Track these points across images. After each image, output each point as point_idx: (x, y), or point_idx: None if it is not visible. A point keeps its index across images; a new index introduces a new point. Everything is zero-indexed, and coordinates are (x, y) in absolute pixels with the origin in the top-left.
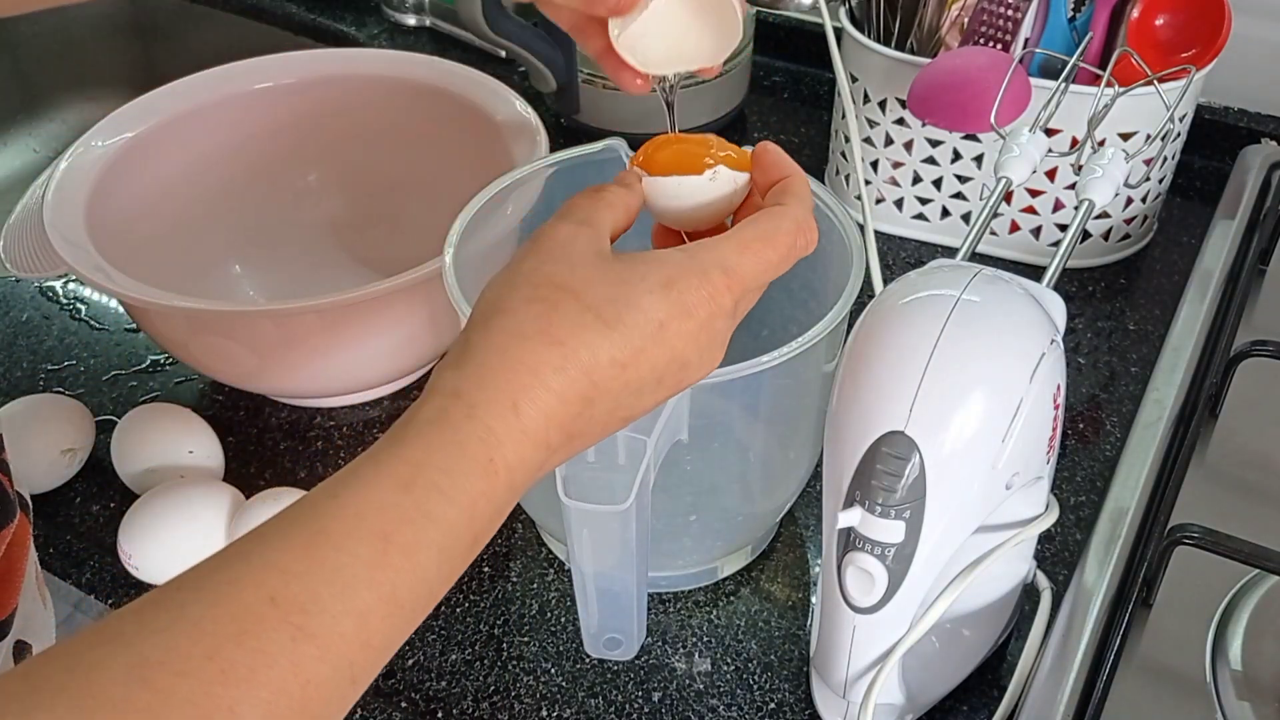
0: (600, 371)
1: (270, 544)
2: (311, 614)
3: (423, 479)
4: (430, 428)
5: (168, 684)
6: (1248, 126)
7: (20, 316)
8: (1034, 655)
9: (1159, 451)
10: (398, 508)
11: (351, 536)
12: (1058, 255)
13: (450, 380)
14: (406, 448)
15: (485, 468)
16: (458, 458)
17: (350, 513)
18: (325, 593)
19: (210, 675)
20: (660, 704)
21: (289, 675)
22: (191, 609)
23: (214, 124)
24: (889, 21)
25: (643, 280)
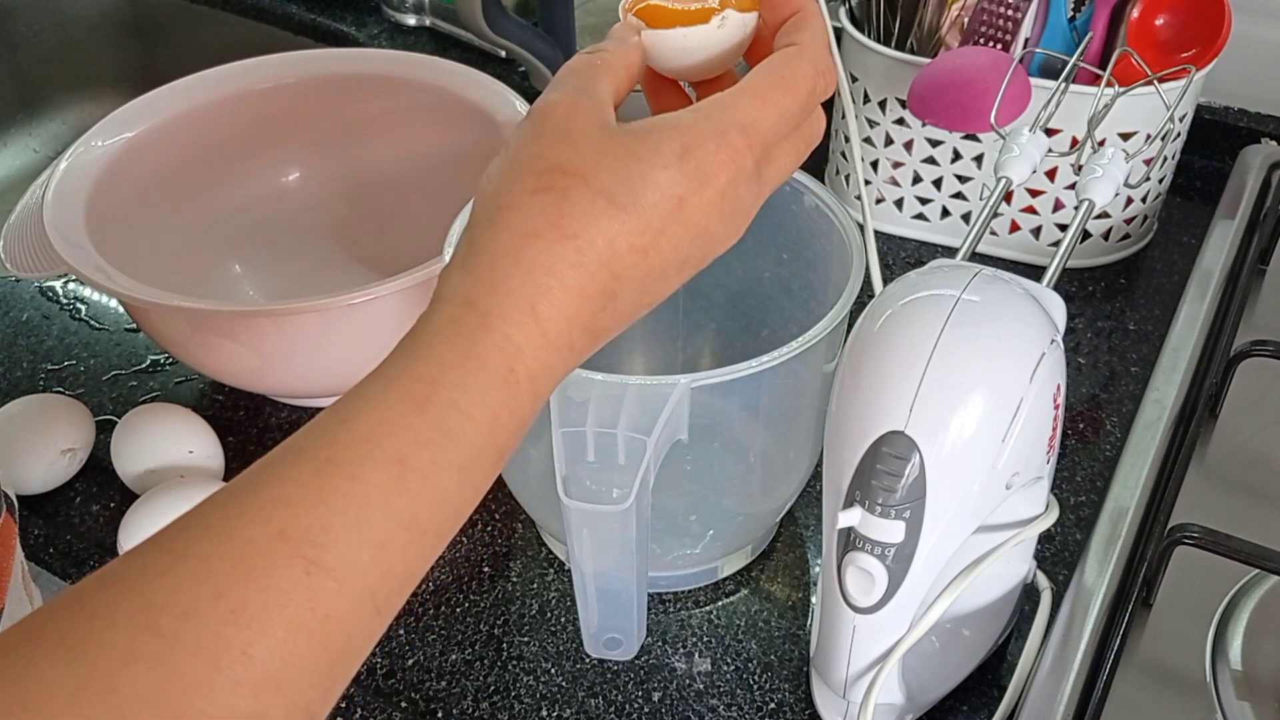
0: (620, 261)
1: (277, 475)
2: (325, 546)
3: (439, 396)
4: (442, 340)
5: (174, 628)
6: (1248, 126)
7: (20, 316)
8: (1034, 655)
9: (1159, 451)
10: (413, 429)
11: (365, 463)
12: (1058, 255)
13: (459, 286)
14: (419, 363)
15: (506, 378)
16: (475, 371)
17: (362, 437)
18: (338, 523)
19: (219, 616)
20: (660, 704)
21: (305, 611)
22: (196, 548)
23: (214, 124)
24: (889, 21)
25: (656, 154)
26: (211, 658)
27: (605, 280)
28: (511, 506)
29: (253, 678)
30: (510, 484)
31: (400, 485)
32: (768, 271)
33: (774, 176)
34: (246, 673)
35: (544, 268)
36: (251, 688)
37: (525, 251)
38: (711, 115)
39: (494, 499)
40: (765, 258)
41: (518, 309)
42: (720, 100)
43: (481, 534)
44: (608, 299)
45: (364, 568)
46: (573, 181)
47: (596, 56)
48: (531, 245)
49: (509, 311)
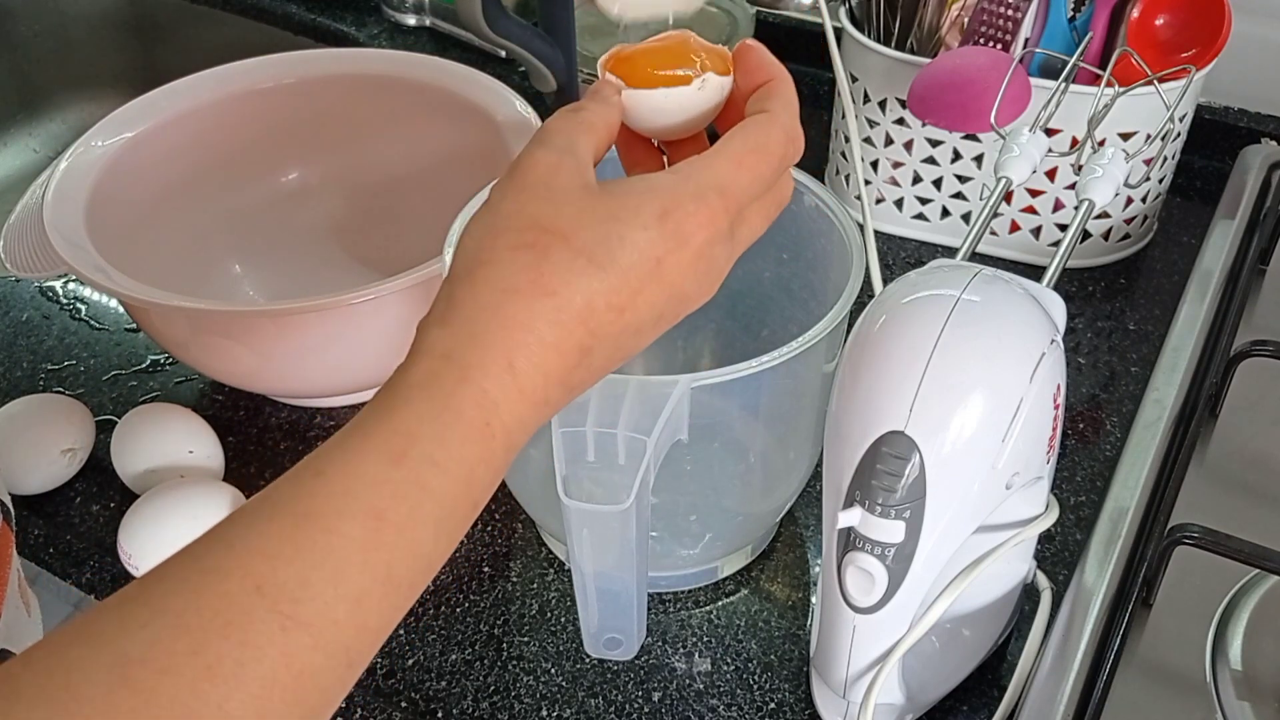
0: (597, 319)
1: (254, 528)
2: (302, 601)
3: (416, 450)
4: (420, 393)
5: (151, 683)
6: (1248, 126)
7: (20, 316)
8: (1034, 655)
9: (1159, 451)
10: (390, 483)
11: (342, 516)
12: (1058, 255)
13: (438, 340)
14: (396, 417)
15: (482, 433)
16: (452, 425)
17: (339, 490)
18: (315, 577)
19: (196, 672)
20: (660, 704)
21: (280, 667)
22: (173, 601)
23: (214, 124)
24: (889, 21)
25: (636, 215)
26: (188, 713)
27: (582, 337)
28: (511, 506)
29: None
30: (510, 484)
31: (377, 539)
32: (768, 271)
33: (746, 237)
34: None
35: (522, 324)
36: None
37: (504, 307)
38: (690, 177)
39: (494, 499)
40: (765, 258)
41: (495, 364)
42: (697, 163)
43: (481, 534)
44: (583, 355)
45: (339, 623)
46: (553, 240)
47: (579, 115)
48: (511, 301)
49: (487, 366)
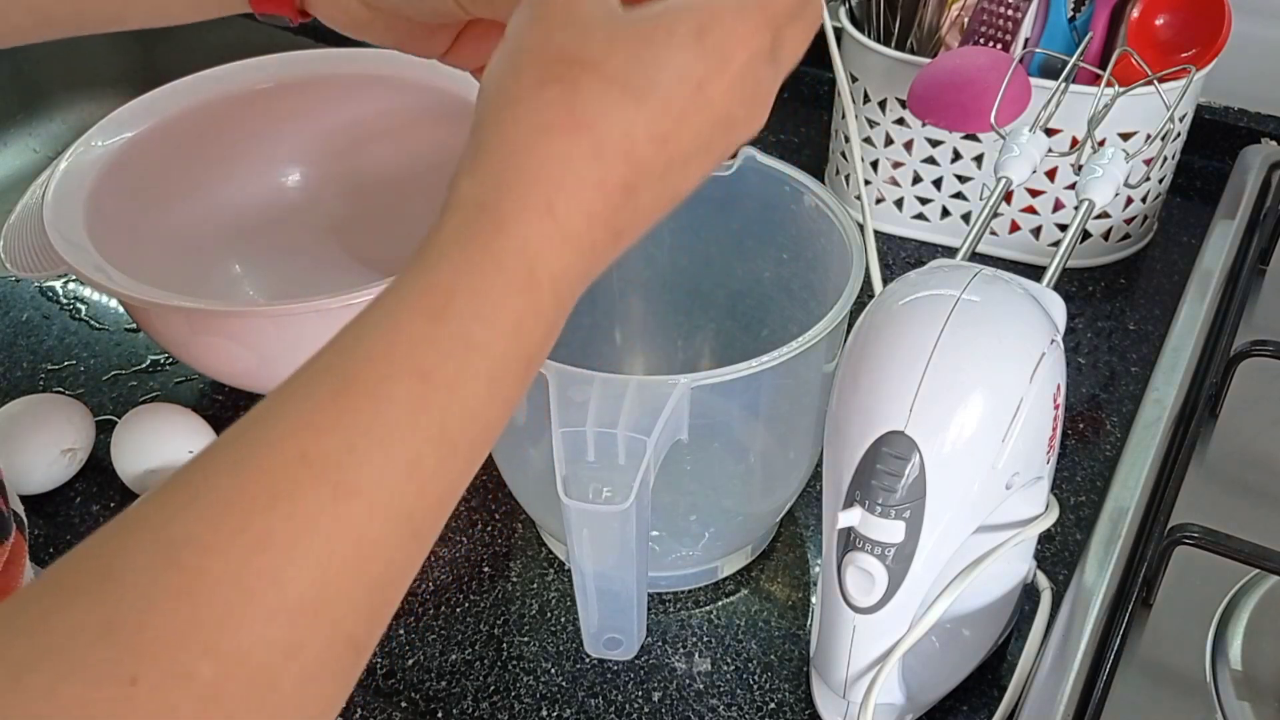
0: (639, 152)
1: (294, 401)
2: (350, 468)
3: (456, 306)
4: (455, 248)
5: (198, 562)
6: (1248, 126)
7: (20, 316)
8: (1034, 655)
9: (1159, 451)
10: (433, 340)
11: (385, 380)
12: (1058, 255)
13: (469, 190)
14: (432, 273)
15: (526, 282)
16: (493, 276)
17: (379, 354)
18: (362, 443)
19: (246, 548)
20: (660, 704)
21: (336, 537)
22: (216, 481)
23: (214, 124)
24: (889, 21)
25: (671, 35)
26: (242, 589)
27: (625, 173)
28: (511, 506)
29: (288, 606)
30: (510, 484)
31: (425, 400)
32: (768, 271)
33: (787, 59)
34: (281, 602)
35: (559, 162)
36: (288, 616)
37: (537, 147)
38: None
39: (494, 499)
40: (765, 258)
41: (533, 208)
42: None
43: (481, 534)
44: (628, 193)
45: (395, 488)
46: (583, 70)
47: None
48: (544, 140)
49: (524, 212)
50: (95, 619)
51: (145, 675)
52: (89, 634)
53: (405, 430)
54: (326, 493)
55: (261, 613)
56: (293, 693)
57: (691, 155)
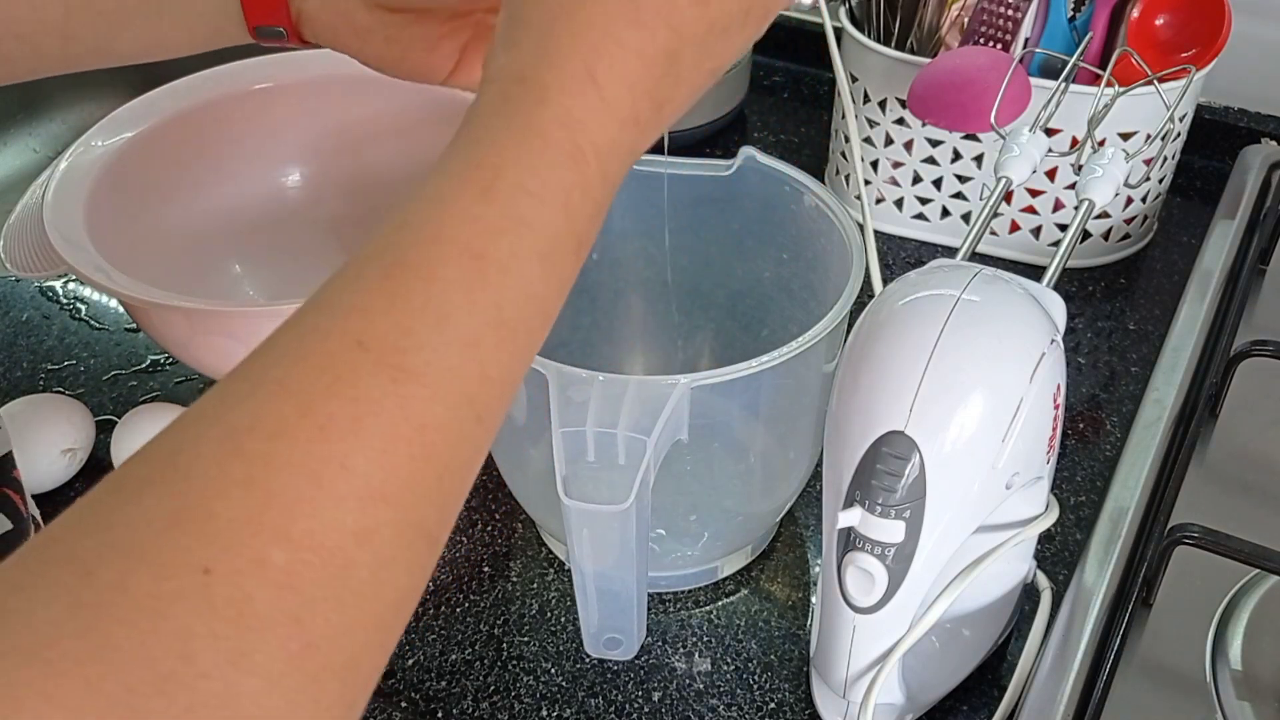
0: (680, 15)
1: (346, 288)
2: (408, 351)
3: (504, 181)
4: (499, 121)
5: (263, 449)
6: (1248, 126)
7: (20, 316)
8: (1034, 655)
9: (1159, 451)
10: (483, 219)
11: (438, 261)
12: (1058, 255)
13: (507, 63)
14: (475, 149)
15: (572, 155)
16: (539, 150)
17: (428, 235)
18: (418, 326)
19: (309, 433)
20: (660, 704)
21: (399, 420)
22: (273, 371)
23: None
24: (889, 21)
25: None
26: (309, 474)
27: (666, 37)
28: (511, 506)
29: (356, 491)
30: (510, 484)
31: (480, 280)
32: (768, 271)
33: None
34: (349, 486)
35: (599, 28)
36: (357, 501)
37: (577, 13)
38: None
39: (494, 499)
40: (765, 258)
41: (575, 78)
42: None
43: (481, 534)
44: (670, 60)
45: (455, 370)
46: None
47: None
48: (583, 5)
49: (566, 81)
50: (163, 510)
51: (218, 563)
52: (157, 525)
53: (461, 312)
54: (386, 376)
55: (330, 498)
56: (368, 579)
57: (732, 19)
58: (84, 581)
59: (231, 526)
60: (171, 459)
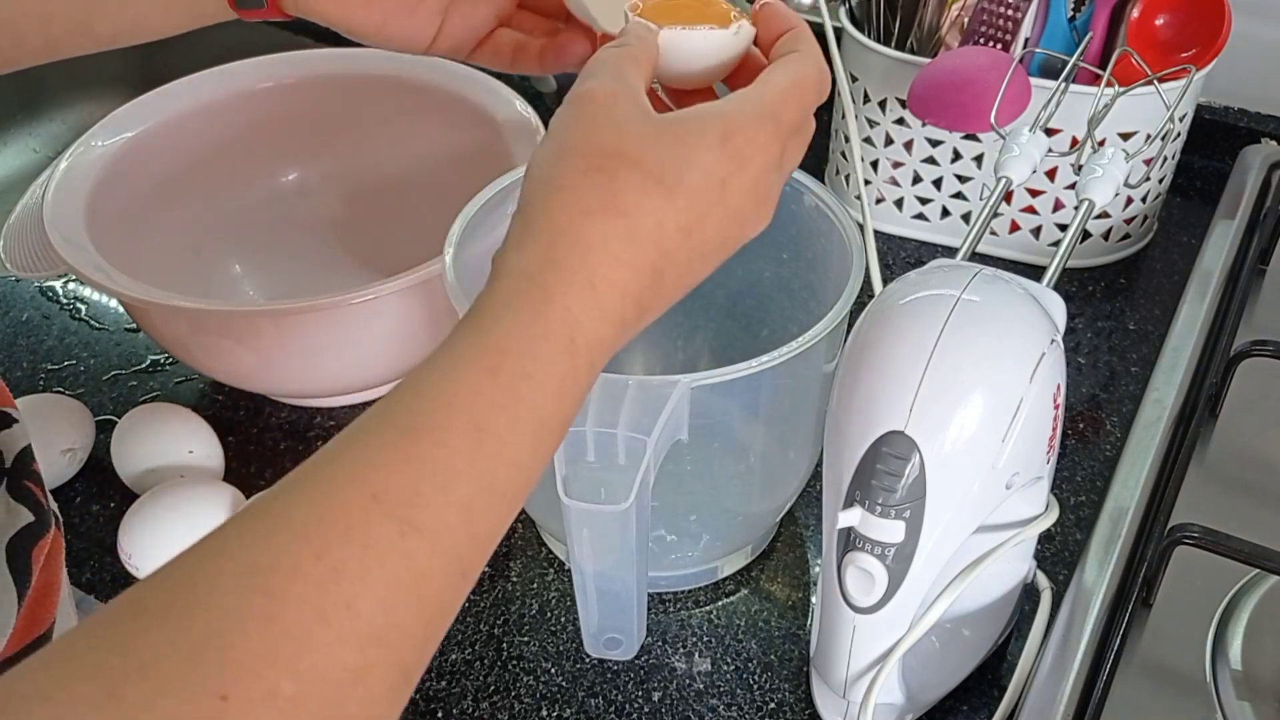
0: (668, 240)
1: (361, 443)
2: (416, 508)
3: (509, 364)
4: (507, 312)
5: (282, 587)
6: (1248, 126)
7: (20, 316)
8: (1034, 655)
9: (1159, 451)
10: (487, 395)
11: (446, 429)
12: (1058, 255)
13: (517, 263)
14: (486, 335)
15: (568, 349)
16: (540, 340)
17: (440, 405)
18: (426, 486)
19: (323, 575)
20: (660, 704)
21: (402, 569)
22: (295, 512)
23: (214, 124)
24: (889, 21)
25: (700, 137)
26: (319, 613)
27: (655, 257)
28: None
29: (358, 633)
30: None
31: (480, 450)
32: (768, 271)
33: (789, 166)
34: (352, 628)
35: (599, 244)
36: (358, 642)
37: (581, 228)
38: (746, 104)
39: None
40: (765, 258)
41: (577, 282)
42: (749, 93)
43: None
44: (656, 276)
45: (452, 529)
46: (621, 163)
47: (623, 49)
48: (586, 222)
49: (569, 285)
50: (187, 638)
51: (234, 691)
52: (182, 652)
53: (462, 476)
54: (394, 529)
55: (336, 637)
56: (357, 714)
57: (710, 247)
58: (111, 700)
59: (249, 658)
60: (194, 588)
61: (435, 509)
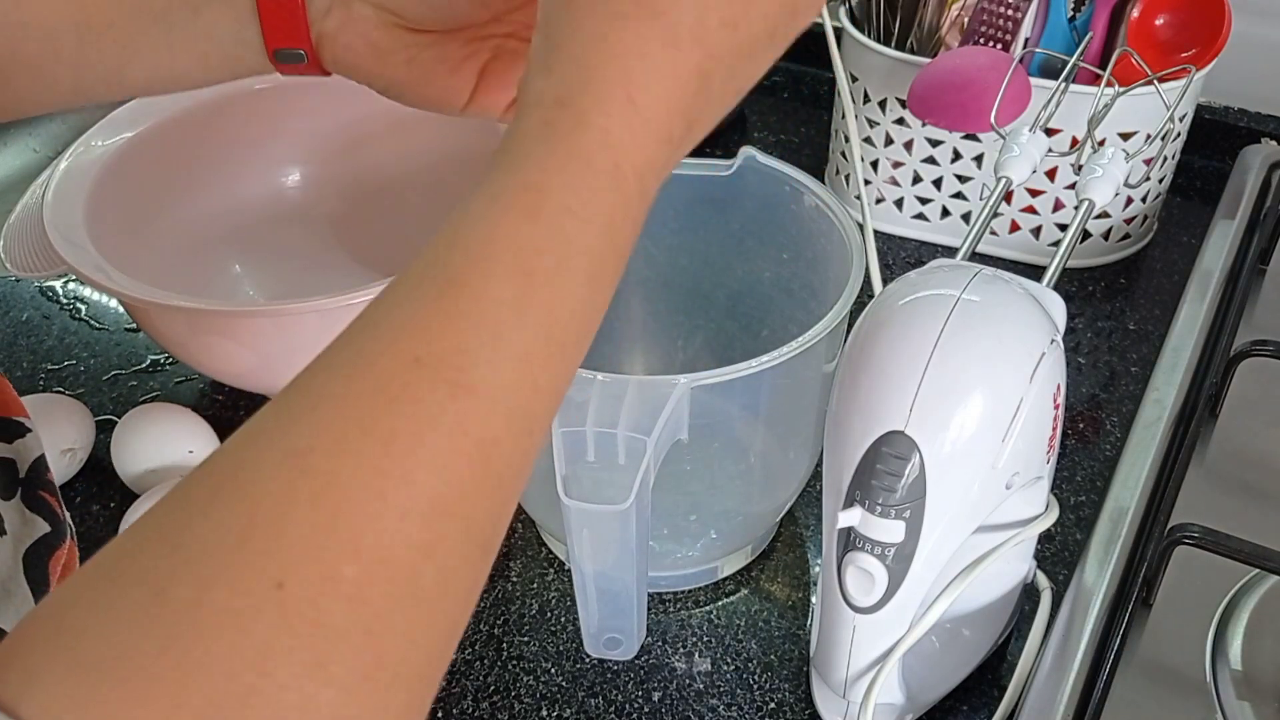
0: (711, 37)
1: (399, 307)
2: (464, 368)
3: (549, 203)
4: (541, 146)
5: (329, 466)
6: (1248, 126)
7: (20, 316)
8: (1034, 655)
9: (1159, 451)
10: (530, 240)
11: (489, 279)
12: (1058, 255)
13: (545, 88)
14: (520, 173)
15: (613, 177)
16: (582, 172)
17: (478, 255)
18: (473, 343)
19: (373, 449)
20: (660, 704)
21: (459, 434)
22: (332, 387)
23: (214, 124)
24: (889, 21)
25: None
26: (374, 490)
27: (699, 59)
28: None
29: (420, 505)
30: None
31: (529, 298)
32: (768, 271)
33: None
34: (413, 501)
35: (636, 52)
36: (421, 515)
37: (611, 37)
38: None
39: None
40: (765, 258)
41: (614, 100)
42: None
43: None
44: (703, 81)
45: (509, 385)
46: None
47: None
48: (618, 29)
49: (606, 105)
50: (233, 528)
51: (291, 578)
52: (229, 543)
53: (512, 328)
54: (444, 392)
55: (395, 512)
56: (433, 591)
57: (759, 41)
58: (159, 600)
59: (302, 542)
60: (234, 476)
61: (487, 366)
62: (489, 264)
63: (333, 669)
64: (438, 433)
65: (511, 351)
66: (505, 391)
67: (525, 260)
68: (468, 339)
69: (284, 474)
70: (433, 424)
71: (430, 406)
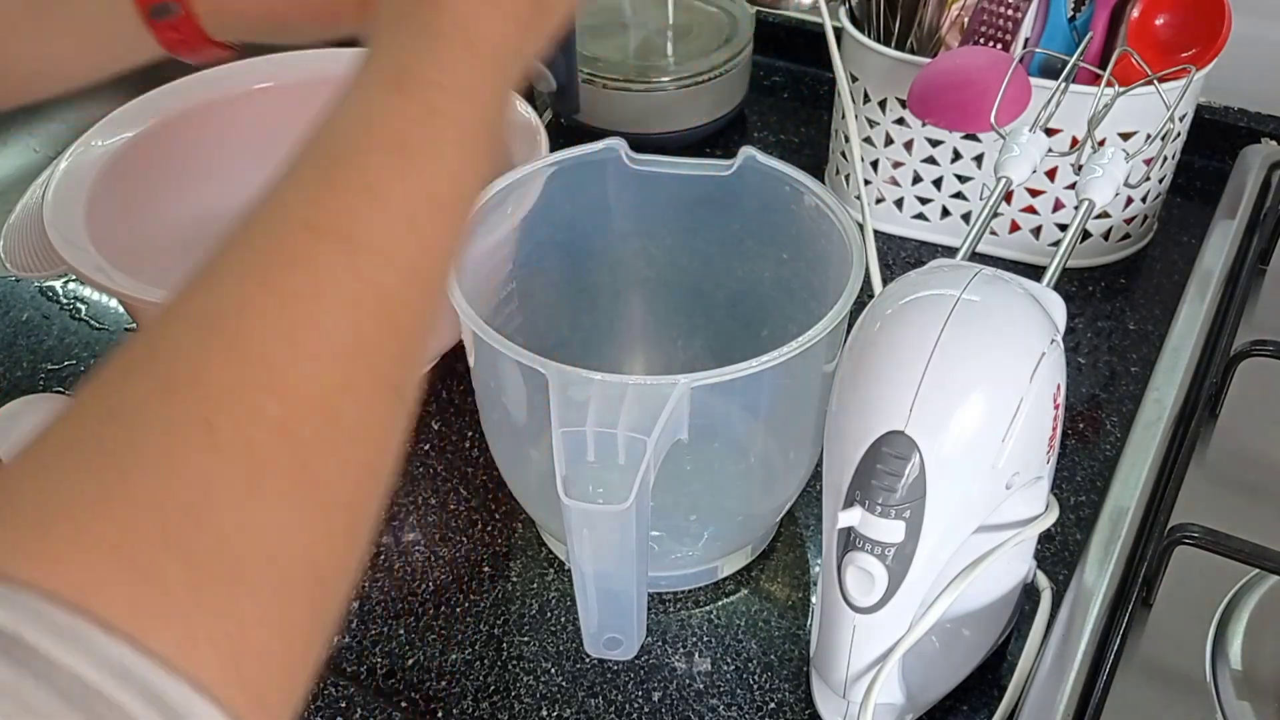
0: None
1: (287, 185)
2: (353, 228)
3: (413, 78)
4: (402, 31)
5: (237, 324)
6: (1248, 126)
7: (20, 316)
8: (1034, 655)
9: (1159, 451)
10: (402, 112)
11: (367, 151)
12: (1058, 255)
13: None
14: (384, 55)
15: (468, 49)
16: (440, 49)
17: (355, 130)
18: (360, 205)
19: (276, 304)
20: (660, 704)
21: (358, 286)
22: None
23: (214, 124)
24: (889, 21)
25: None
26: (285, 338)
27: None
28: (511, 506)
29: (330, 349)
30: (510, 484)
31: (407, 165)
32: (768, 272)
33: None
34: (323, 345)
35: None
36: (332, 357)
37: None
38: None
39: (494, 499)
40: (765, 258)
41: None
42: None
43: (481, 534)
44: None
45: (400, 241)
46: None
47: None
48: None
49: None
50: (155, 384)
51: (218, 416)
52: (154, 395)
53: (396, 192)
54: (338, 249)
55: (307, 355)
56: (354, 427)
57: None
58: (97, 451)
59: (223, 387)
60: (153, 345)
61: (376, 225)
62: (367, 138)
63: (269, 490)
64: (338, 285)
65: (397, 213)
66: (397, 248)
67: (398, 131)
68: (353, 202)
69: (196, 335)
70: (331, 277)
71: (325, 263)
